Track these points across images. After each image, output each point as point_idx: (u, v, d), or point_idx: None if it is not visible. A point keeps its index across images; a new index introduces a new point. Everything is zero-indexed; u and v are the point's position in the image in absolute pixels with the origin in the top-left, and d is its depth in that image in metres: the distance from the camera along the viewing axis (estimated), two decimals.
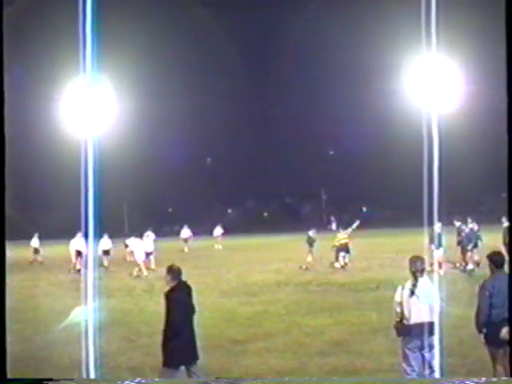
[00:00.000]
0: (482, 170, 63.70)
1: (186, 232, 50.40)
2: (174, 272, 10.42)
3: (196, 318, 10.23)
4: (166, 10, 71.50)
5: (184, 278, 10.17)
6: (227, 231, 57.73)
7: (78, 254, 32.57)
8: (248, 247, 50.90)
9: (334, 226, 68.56)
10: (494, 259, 10.26)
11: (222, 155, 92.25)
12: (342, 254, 30.67)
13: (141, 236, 34.04)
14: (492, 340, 9.48)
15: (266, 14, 78.66)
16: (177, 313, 9.97)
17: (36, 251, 40.23)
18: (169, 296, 10.16)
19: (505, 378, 9.45)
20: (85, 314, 10.07)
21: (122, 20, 45.35)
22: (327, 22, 74.19)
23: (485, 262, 10.55)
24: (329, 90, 76.79)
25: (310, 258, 30.97)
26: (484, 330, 9.59)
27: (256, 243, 55.39)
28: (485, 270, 10.69)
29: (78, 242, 32.61)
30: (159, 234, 59.35)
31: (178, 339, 9.93)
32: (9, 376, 9.20)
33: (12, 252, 12.43)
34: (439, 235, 26.71)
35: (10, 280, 9.26)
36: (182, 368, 10.22)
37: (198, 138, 79.43)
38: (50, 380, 9.70)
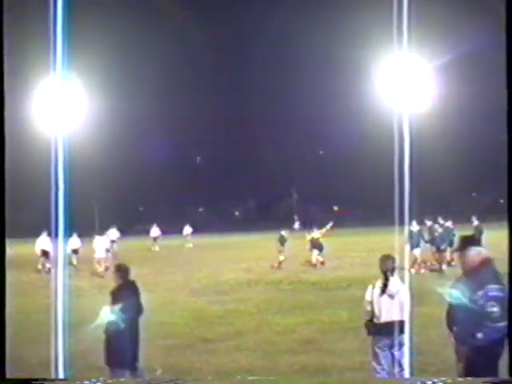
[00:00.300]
0: (453, 170, 64.07)
1: (155, 231, 50.28)
2: (121, 271, 10.40)
3: (166, 317, 10.20)
4: (142, 7, 71.32)
5: (154, 276, 10.17)
6: (199, 230, 57.67)
7: (44, 253, 32.41)
8: (219, 246, 50.85)
9: (296, 224, 68.93)
10: None
11: (194, 155, 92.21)
12: (315, 252, 30.75)
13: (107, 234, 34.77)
14: (461, 339, 9.50)
15: (244, 15, 78.69)
16: (120, 312, 9.92)
17: None
18: (114, 294, 10.12)
19: (463, 378, 9.43)
20: (114, 315, 10.05)
21: (94, 18, 45.08)
22: (300, 22, 74.40)
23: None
24: (300, 90, 76.85)
25: (282, 257, 30.93)
26: (454, 329, 9.62)
27: (227, 242, 55.37)
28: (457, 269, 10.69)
29: (43, 242, 32.53)
30: (130, 232, 59.18)
31: (120, 339, 9.88)
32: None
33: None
34: (416, 235, 26.86)
35: None
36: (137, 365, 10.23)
37: (170, 137, 79.15)
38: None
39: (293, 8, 74.10)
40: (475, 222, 31.59)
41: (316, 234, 31.33)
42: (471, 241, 8.86)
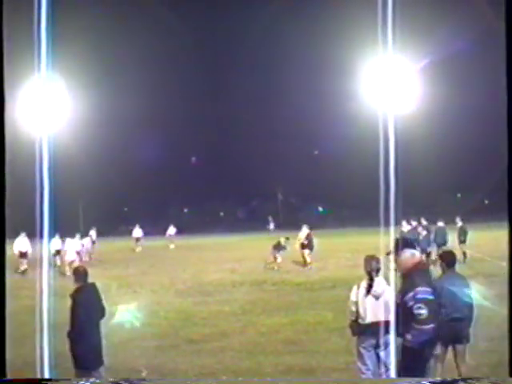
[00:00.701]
0: (437, 171, 64.36)
1: (137, 232, 49.91)
2: (79, 274, 10.37)
3: (151, 318, 10.16)
4: (127, 8, 71.15)
5: (138, 277, 10.13)
6: (183, 231, 57.54)
7: (21, 254, 32.16)
8: (204, 247, 50.70)
9: (271, 225, 69.01)
10: (446, 258, 10.37)
11: (179, 156, 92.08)
12: (306, 251, 30.85)
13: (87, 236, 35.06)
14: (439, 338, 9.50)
15: (230, 15, 78.69)
16: (79, 315, 9.88)
17: None
18: (72, 297, 10.08)
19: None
20: (131, 313, 10.04)
21: (79, 18, 44.92)
22: (286, 24, 74.55)
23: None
24: (286, 91, 76.97)
25: (279, 259, 30.94)
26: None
27: (212, 243, 55.23)
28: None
29: (21, 242, 32.35)
30: (115, 233, 58.93)
31: (82, 342, 9.83)
32: None
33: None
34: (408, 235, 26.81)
35: None
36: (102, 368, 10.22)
37: (155, 138, 79.04)
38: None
39: (279, 10, 74.22)
40: (459, 223, 31.67)
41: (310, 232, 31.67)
42: (407, 243, 8.89)
